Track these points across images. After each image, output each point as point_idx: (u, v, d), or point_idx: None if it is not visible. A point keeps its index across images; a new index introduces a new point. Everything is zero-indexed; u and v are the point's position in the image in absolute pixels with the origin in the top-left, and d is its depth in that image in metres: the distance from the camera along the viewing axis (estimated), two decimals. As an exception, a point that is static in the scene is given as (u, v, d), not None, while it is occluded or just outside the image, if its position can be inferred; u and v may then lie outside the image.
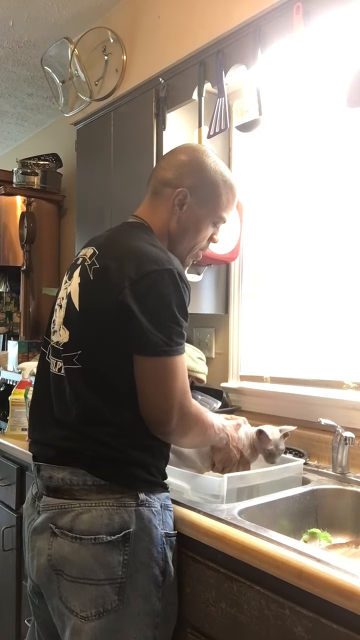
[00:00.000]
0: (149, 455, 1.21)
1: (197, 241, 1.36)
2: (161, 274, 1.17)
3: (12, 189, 3.07)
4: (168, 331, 1.16)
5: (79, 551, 1.14)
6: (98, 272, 1.22)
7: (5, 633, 2.11)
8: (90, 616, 1.12)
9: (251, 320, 2.12)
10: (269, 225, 2.07)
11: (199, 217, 1.33)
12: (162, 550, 1.18)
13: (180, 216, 1.32)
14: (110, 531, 1.13)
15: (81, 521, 1.14)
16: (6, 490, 2.12)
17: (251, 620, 1.07)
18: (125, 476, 1.17)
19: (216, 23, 1.75)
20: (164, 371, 1.17)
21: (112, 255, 1.23)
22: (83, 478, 1.17)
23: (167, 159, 1.39)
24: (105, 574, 1.13)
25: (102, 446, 1.17)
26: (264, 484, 1.45)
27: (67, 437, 1.21)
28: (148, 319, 1.14)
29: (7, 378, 2.64)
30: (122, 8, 2.22)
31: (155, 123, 2.02)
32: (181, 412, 1.20)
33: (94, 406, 1.19)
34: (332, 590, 0.92)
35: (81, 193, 2.53)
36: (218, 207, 1.35)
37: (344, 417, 1.66)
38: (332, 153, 1.83)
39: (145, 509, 1.17)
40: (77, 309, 1.23)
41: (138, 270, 1.16)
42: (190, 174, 1.32)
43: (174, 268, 1.19)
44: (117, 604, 1.13)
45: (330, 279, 1.85)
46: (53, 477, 1.20)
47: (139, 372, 1.18)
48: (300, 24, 1.49)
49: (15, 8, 2.28)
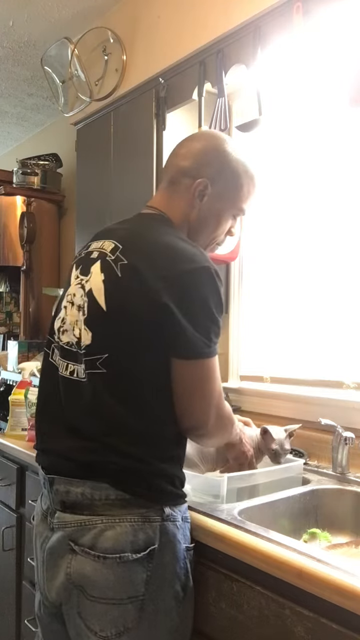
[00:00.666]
0: (173, 466, 1.15)
1: (217, 234, 1.29)
2: (199, 272, 1.11)
3: (12, 189, 3.07)
4: (208, 332, 1.11)
5: (102, 570, 1.07)
6: (127, 269, 1.12)
7: (5, 633, 2.11)
8: (110, 636, 1.07)
9: (251, 320, 2.12)
10: (269, 225, 2.06)
11: (220, 209, 1.26)
12: (185, 566, 1.14)
13: (201, 208, 1.24)
14: (135, 549, 1.07)
15: (105, 538, 1.07)
16: (6, 490, 2.12)
17: (251, 620, 1.07)
18: (151, 489, 1.11)
19: (216, 23, 1.75)
20: (205, 373, 1.13)
21: (142, 251, 1.14)
22: (106, 492, 1.09)
23: (186, 147, 1.28)
24: (128, 593, 1.07)
25: (127, 458, 1.10)
26: (264, 484, 1.45)
27: (87, 448, 1.12)
28: (188, 320, 1.08)
29: (7, 378, 2.64)
30: (122, 8, 2.22)
31: (155, 123, 2.02)
32: (217, 414, 1.17)
33: (118, 414, 1.11)
34: (332, 590, 0.92)
35: (81, 193, 2.53)
36: (239, 198, 1.28)
37: (344, 417, 1.66)
38: (332, 153, 1.83)
39: (170, 523, 1.11)
40: (104, 308, 1.13)
41: (174, 269, 1.10)
42: (211, 163, 1.24)
43: (210, 265, 1.13)
44: (137, 621, 1.07)
45: (330, 279, 1.85)
46: (71, 491, 1.11)
47: (179, 376, 1.11)
48: (300, 24, 1.49)
49: (15, 8, 2.28)
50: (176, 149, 1.30)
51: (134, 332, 1.10)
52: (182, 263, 1.11)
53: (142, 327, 1.10)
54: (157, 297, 1.07)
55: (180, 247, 1.15)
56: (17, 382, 2.33)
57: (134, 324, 1.10)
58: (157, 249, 1.14)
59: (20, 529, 2.02)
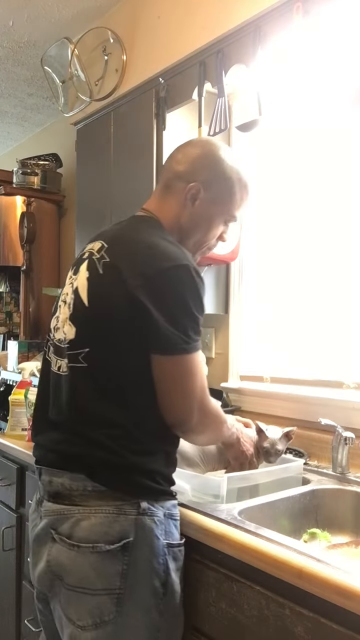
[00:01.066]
0: (155, 462, 1.16)
1: (207, 238, 1.32)
2: (177, 270, 1.13)
3: (12, 189, 3.07)
4: (185, 328, 1.13)
5: (77, 559, 1.10)
6: (108, 266, 1.17)
7: (5, 633, 2.11)
8: (87, 626, 1.09)
9: (251, 320, 2.12)
10: (269, 225, 2.07)
11: (211, 213, 1.29)
12: (164, 562, 1.13)
13: (193, 212, 1.27)
14: (109, 540, 1.09)
15: (80, 528, 1.11)
16: (6, 490, 2.12)
17: (251, 620, 1.07)
18: (127, 483, 1.13)
19: (216, 23, 1.75)
20: (184, 369, 1.15)
21: (124, 249, 1.19)
22: (83, 484, 1.13)
23: (181, 152, 1.31)
24: (103, 583, 1.09)
25: (104, 451, 1.12)
26: (264, 484, 1.45)
27: (68, 440, 1.17)
28: (165, 316, 1.11)
29: (7, 378, 2.64)
30: (122, 8, 2.22)
31: (155, 123, 2.02)
32: (202, 409, 1.18)
33: (98, 408, 1.15)
34: (332, 590, 0.92)
35: (81, 193, 2.53)
36: (232, 204, 1.30)
37: (344, 417, 1.66)
38: (332, 153, 1.83)
39: (147, 518, 1.12)
40: (86, 304, 1.18)
41: (153, 266, 1.13)
42: (205, 168, 1.27)
43: (189, 264, 1.15)
44: (114, 615, 1.09)
45: (330, 279, 1.85)
46: (53, 481, 1.17)
47: (159, 371, 1.14)
48: (300, 24, 1.49)
49: (15, 8, 2.28)
50: (173, 153, 1.33)
51: (114, 327, 1.14)
52: (161, 261, 1.14)
53: (120, 323, 1.13)
54: (135, 294, 1.11)
55: (161, 246, 1.18)
56: (17, 382, 2.33)
57: (113, 319, 1.14)
58: (139, 247, 1.18)
59: (20, 529, 2.02)
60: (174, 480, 1.22)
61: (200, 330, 1.17)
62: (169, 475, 1.20)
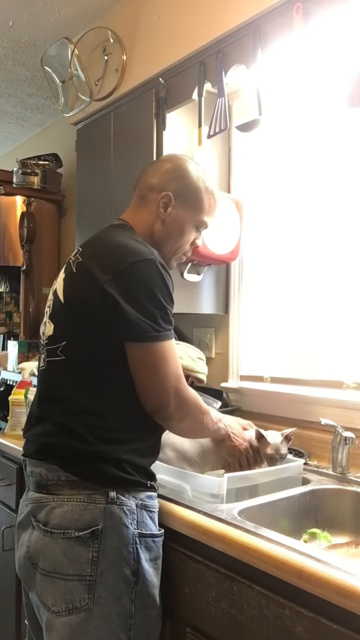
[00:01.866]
0: (127, 452, 1.21)
1: (180, 244, 1.41)
2: (144, 263, 1.22)
3: (12, 189, 3.07)
4: (154, 316, 1.20)
5: (50, 545, 1.17)
6: (81, 266, 1.27)
7: (5, 633, 2.11)
8: (60, 611, 1.14)
9: (251, 320, 2.12)
10: (269, 225, 2.07)
11: (182, 219, 1.38)
12: (134, 551, 1.18)
13: (165, 219, 1.37)
14: (79, 527, 1.15)
15: (54, 515, 1.18)
16: (6, 490, 2.12)
17: (251, 620, 1.07)
18: (96, 473, 1.19)
19: (216, 23, 1.75)
20: (157, 356, 1.21)
21: (95, 249, 1.30)
22: (57, 474, 1.20)
23: (152, 166, 1.45)
24: (75, 569, 1.14)
25: (76, 440, 1.19)
26: (264, 484, 1.45)
27: (46, 432, 1.24)
28: (134, 306, 1.18)
29: (7, 378, 2.64)
30: (122, 8, 2.22)
31: (155, 123, 2.02)
32: (178, 396, 1.24)
33: (73, 398, 1.22)
34: (332, 590, 0.92)
35: (81, 193, 2.52)
36: (200, 211, 1.40)
37: (344, 417, 1.66)
38: (332, 153, 1.83)
39: (115, 507, 1.17)
40: (62, 301, 1.28)
41: (121, 261, 1.21)
42: (174, 179, 1.38)
43: (155, 258, 1.24)
44: (87, 602, 1.14)
45: (330, 279, 1.85)
46: (34, 472, 1.25)
47: (132, 360, 1.21)
48: (300, 24, 1.49)
49: (15, 8, 2.28)
50: (145, 169, 1.45)
51: (88, 320, 1.22)
52: (128, 256, 1.23)
53: (94, 316, 1.21)
54: (105, 288, 1.19)
55: (129, 244, 1.27)
56: (17, 382, 2.33)
57: (85, 313, 1.23)
58: (108, 247, 1.29)
59: (20, 529, 2.02)
60: (152, 472, 1.27)
61: (171, 320, 1.25)
62: (144, 465, 1.25)
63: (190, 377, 2.02)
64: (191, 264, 2.03)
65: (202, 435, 1.45)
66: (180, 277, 2.03)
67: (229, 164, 2.17)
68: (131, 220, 1.39)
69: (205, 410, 1.35)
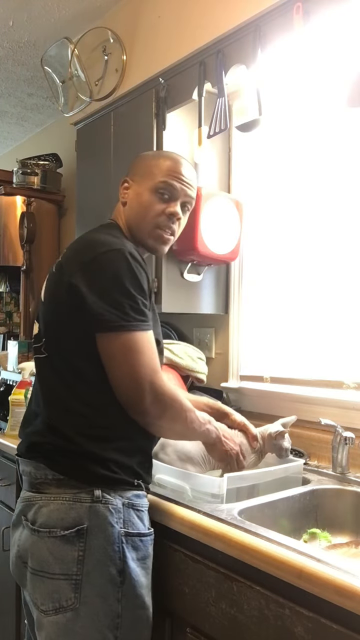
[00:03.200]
0: (112, 450, 1.20)
1: (147, 218, 1.34)
2: (111, 253, 1.20)
3: (12, 189, 3.07)
4: (122, 306, 1.17)
5: (37, 543, 1.17)
6: (58, 264, 1.29)
7: (5, 633, 2.11)
8: (48, 610, 1.15)
9: (251, 320, 2.12)
10: (269, 225, 2.06)
11: (138, 192, 1.36)
12: (120, 550, 1.17)
13: (127, 201, 1.37)
14: (65, 526, 1.15)
15: (41, 514, 1.18)
16: (6, 490, 2.12)
17: (251, 620, 1.07)
18: (81, 471, 1.18)
19: (216, 23, 1.75)
20: (126, 347, 1.17)
21: (71, 248, 1.31)
22: (44, 472, 1.20)
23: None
24: (61, 568, 1.14)
25: (61, 439, 1.19)
26: (264, 484, 1.45)
27: (35, 431, 1.26)
28: (100, 296, 1.17)
29: (7, 378, 2.64)
30: (122, 8, 2.22)
31: (155, 123, 2.02)
32: (153, 390, 1.19)
33: (57, 395, 1.22)
34: (332, 590, 0.92)
35: (81, 193, 2.52)
36: (154, 175, 1.35)
37: (344, 417, 1.66)
38: (332, 153, 1.83)
39: (101, 505, 1.17)
40: (43, 301, 1.31)
41: (88, 253, 1.22)
42: (132, 167, 1.42)
43: (124, 248, 1.22)
44: (73, 601, 1.13)
45: (330, 279, 1.85)
46: (24, 470, 1.26)
47: (102, 351, 1.18)
48: (300, 24, 1.49)
49: (15, 8, 2.28)
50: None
51: (60, 315, 1.23)
52: (96, 248, 1.22)
53: (64, 310, 1.22)
54: (71, 280, 1.19)
55: (100, 237, 1.27)
56: (17, 382, 2.33)
57: (58, 308, 1.24)
58: (80, 243, 1.30)
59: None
60: (139, 470, 1.24)
61: (143, 310, 1.20)
62: (130, 464, 1.22)
63: (190, 377, 2.03)
64: (191, 264, 2.03)
65: (190, 436, 1.38)
66: (180, 277, 2.03)
67: (229, 164, 2.17)
68: (115, 216, 1.41)
69: (188, 407, 1.28)
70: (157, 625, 1.30)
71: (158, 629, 1.30)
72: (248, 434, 1.50)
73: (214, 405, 1.56)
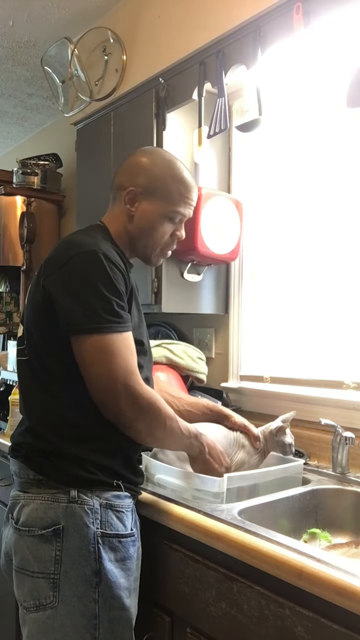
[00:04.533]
0: (88, 450, 1.20)
1: (155, 239, 1.35)
2: (84, 255, 1.19)
3: (12, 189, 3.06)
4: (95, 308, 1.16)
5: (19, 542, 1.20)
6: (40, 267, 1.28)
7: (5, 633, 2.11)
8: (29, 607, 1.17)
9: (251, 320, 2.12)
10: (268, 225, 2.07)
11: (150, 213, 1.33)
12: (95, 551, 1.16)
13: (133, 215, 1.33)
14: (43, 525, 1.17)
15: (23, 513, 1.20)
16: (6, 490, 2.12)
17: (251, 620, 1.07)
18: (58, 472, 1.19)
19: (216, 23, 1.75)
20: (97, 349, 1.16)
21: (52, 250, 1.29)
22: (26, 472, 1.22)
23: (122, 165, 1.40)
24: (39, 567, 1.16)
25: (41, 440, 1.21)
26: (264, 484, 1.45)
27: (20, 432, 1.28)
28: (72, 298, 1.16)
29: (7, 378, 2.63)
30: (122, 8, 2.22)
31: (155, 123, 2.02)
32: (127, 391, 1.16)
33: (35, 397, 1.24)
34: (332, 590, 0.92)
35: (81, 193, 2.52)
36: (170, 201, 1.33)
37: (344, 417, 1.66)
38: (332, 153, 1.83)
39: (77, 506, 1.17)
40: (26, 303, 1.32)
41: (63, 255, 1.21)
42: (139, 173, 1.34)
43: (97, 249, 1.20)
44: (52, 600, 1.15)
45: (330, 279, 1.85)
46: (12, 469, 1.28)
47: (76, 353, 1.18)
48: (300, 24, 1.49)
49: (15, 8, 2.28)
50: (117, 167, 1.41)
51: (36, 318, 1.24)
52: (70, 250, 1.22)
53: (40, 313, 1.22)
54: (44, 284, 1.20)
55: (75, 239, 1.27)
56: (17, 382, 2.33)
57: (35, 311, 1.25)
58: (58, 246, 1.29)
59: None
60: (120, 471, 1.23)
61: (117, 311, 1.18)
62: (109, 465, 1.22)
63: (190, 377, 2.03)
64: (191, 264, 2.03)
65: (170, 445, 1.35)
66: (180, 277, 2.03)
67: (229, 164, 2.17)
68: (106, 220, 1.37)
69: (168, 414, 1.24)
70: (157, 625, 1.30)
71: (158, 629, 1.30)
72: (250, 434, 1.51)
73: (214, 407, 1.56)
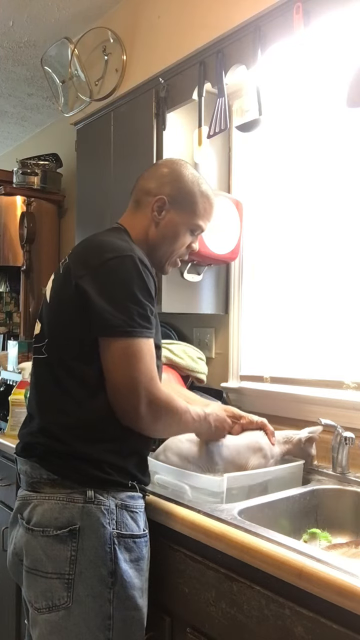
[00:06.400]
0: (105, 451, 1.21)
1: (175, 248, 1.41)
2: (121, 259, 1.21)
3: (12, 189, 3.07)
4: (130, 313, 1.18)
5: (31, 542, 1.19)
6: (65, 266, 1.29)
7: (5, 633, 2.11)
8: (41, 608, 1.16)
9: (251, 320, 2.12)
10: (269, 225, 2.06)
11: (176, 223, 1.38)
12: (111, 551, 1.17)
13: (159, 222, 1.37)
14: (58, 525, 1.16)
15: (36, 513, 1.19)
16: (6, 490, 2.12)
17: (251, 620, 1.07)
18: (74, 472, 1.19)
19: (216, 23, 1.75)
20: (128, 353, 1.18)
21: (78, 249, 1.32)
22: (39, 472, 1.22)
23: (149, 171, 1.45)
24: (54, 567, 1.15)
25: (55, 440, 1.20)
26: (264, 484, 1.45)
27: (31, 431, 1.27)
28: (108, 301, 1.18)
29: (7, 378, 2.64)
30: (122, 8, 2.22)
31: (155, 123, 2.02)
32: (148, 397, 1.19)
33: (53, 395, 1.23)
34: (332, 590, 0.92)
35: (81, 193, 2.53)
36: (195, 214, 1.40)
37: (344, 417, 1.66)
38: (332, 153, 1.83)
39: (93, 506, 1.17)
40: (48, 301, 1.32)
41: (98, 258, 1.22)
42: (169, 183, 1.39)
43: (134, 255, 1.23)
44: (66, 600, 1.15)
45: (330, 279, 1.85)
46: (21, 469, 1.27)
47: (103, 355, 1.19)
48: (301, 24, 1.49)
49: (15, 8, 2.28)
50: (142, 174, 1.45)
51: (65, 318, 1.24)
52: (105, 253, 1.23)
53: (70, 313, 1.23)
54: (79, 283, 1.21)
55: (109, 242, 1.28)
56: (17, 382, 2.33)
57: (63, 310, 1.25)
58: (89, 246, 1.30)
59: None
60: (134, 472, 1.25)
61: (150, 317, 1.22)
62: (124, 465, 1.23)
63: (190, 377, 2.03)
64: (191, 264, 2.03)
65: (183, 432, 1.44)
66: (180, 277, 2.03)
67: (229, 164, 2.17)
68: (127, 224, 1.39)
69: (183, 409, 1.30)
70: (157, 625, 1.30)
71: (158, 629, 1.30)
72: (267, 430, 1.54)
73: (227, 409, 1.58)
